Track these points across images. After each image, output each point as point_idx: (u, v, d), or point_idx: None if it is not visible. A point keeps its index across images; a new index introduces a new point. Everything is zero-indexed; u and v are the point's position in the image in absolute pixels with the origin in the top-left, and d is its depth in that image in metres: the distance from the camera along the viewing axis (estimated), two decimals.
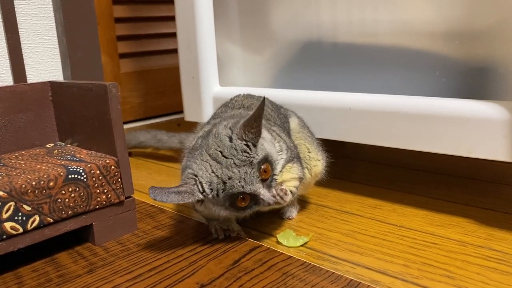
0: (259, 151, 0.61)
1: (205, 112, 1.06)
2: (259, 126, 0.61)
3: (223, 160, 0.61)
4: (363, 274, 0.59)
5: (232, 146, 0.61)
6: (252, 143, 0.61)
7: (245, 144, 0.61)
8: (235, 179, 0.60)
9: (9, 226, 0.60)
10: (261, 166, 0.61)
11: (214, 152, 0.62)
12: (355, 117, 0.82)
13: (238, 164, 0.60)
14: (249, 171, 0.60)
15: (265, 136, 0.65)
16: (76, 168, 0.67)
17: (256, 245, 0.68)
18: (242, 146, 0.61)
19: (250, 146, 0.61)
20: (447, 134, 0.71)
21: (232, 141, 0.61)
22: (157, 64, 1.76)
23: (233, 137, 0.62)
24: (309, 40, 0.94)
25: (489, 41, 0.72)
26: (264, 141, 0.64)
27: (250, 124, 0.61)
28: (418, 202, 0.83)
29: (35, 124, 0.83)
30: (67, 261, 0.67)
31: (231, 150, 0.61)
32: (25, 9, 0.91)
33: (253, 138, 0.61)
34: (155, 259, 0.66)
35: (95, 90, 0.72)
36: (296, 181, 0.68)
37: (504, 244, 0.66)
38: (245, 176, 0.60)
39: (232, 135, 0.62)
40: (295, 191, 0.68)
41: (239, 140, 0.61)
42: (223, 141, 0.62)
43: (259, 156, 0.61)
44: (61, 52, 0.97)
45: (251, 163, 0.60)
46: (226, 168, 0.60)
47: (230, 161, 0.60)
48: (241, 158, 0.60)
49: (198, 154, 0.64)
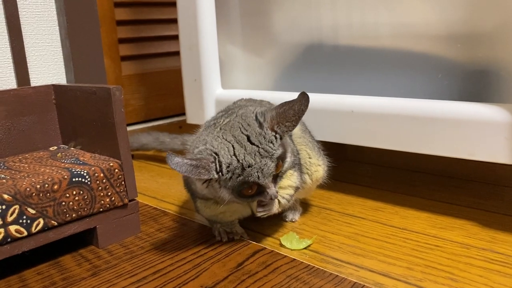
0: (281, 146, 0.61)
1: (207, 115, 1.06)
2: (298, 120, 0.60)
3: (248, 145, 0.59)
4: (367, 276, 0.60)
5: (261, 133, 0.60)
6: (280, 136, 0.60)
7: (274, 135, 0.60)
8: (254, 168, 0.59)
9: (14, 229, 0.61)
10: (278, 162, 0.61)
11: (239, 134, 0.60)
12: (357, 120, 0.82)
13: (262, 154, 0.59)
14: (269, 163, 0.59)
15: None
16: (80, 171, 0.67)
17: (259, 248, 0.69)
18: (271, 137, 0.60)
19: (278, 139, 0.60)
20: (449, 137, 0.71)
21: (262, 128, 0.60)
22: (159, 67, 1.76)
23: (264, 125, 0.60)
24: (311, 42, 0.95)
25: (491, 44, 0.72)
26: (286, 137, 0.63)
27: (288, 117, 0.60)
28: (420, 205, 0.83)
29: (39, 127, 0.84)
30: (71, 264, 0.67)
31: (260, 137, 0.60)
32: (28, 12, 0.92)
33: (284, 132, 0.60)
34: (159, 262, 0.66)
35: (98, 93, 0.73)
36: (291, 190, 0.68)
37: (507, 247, 0.66)
38: (264, 168, 0.59)
39: (264, 122, 0.61)
40: (288, 199, 0.68)
41: (269, 129, 0.60)
42: (251, 125, 0.61)
43: (280, 152, 0.60)
44: (64, 55, 0.98)
45: (273, 155, 0.60)
46: (249, 154, 0.59)
47: (255, 149, 0.59)
48: (266, 148, 0.59)
49: (220, 131, 0.62)
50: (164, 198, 0.94)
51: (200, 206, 0.71)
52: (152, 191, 0.99)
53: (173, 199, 0.93)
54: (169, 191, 0.98)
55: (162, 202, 0.92)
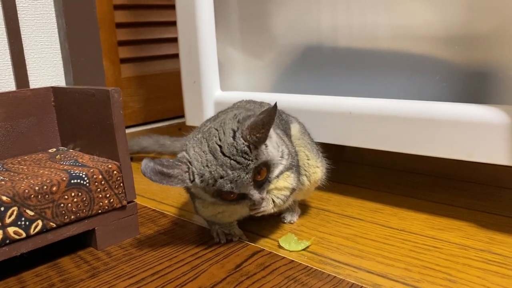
0: (260, 155, 0.60)
1: (206, 117, 1.06)
2: (267, 132, 0.59)
3: (220, 156, 0.59)
4: (365, 278, 0.60)
5: (233, 144, 0.59)
6: (254, 146, 0.60)
7: (247, 145, 0.59)
8: (226, 180, 0.59)
9: (12, 231, 0.61)
10: (257, 170, 0.60)
11: (213, 145, 0.60)
12: (355, 121, 0.82)
13: (233, 166, 0.59)
14: (243, 175, 0.59)
15: (273, 137, 0.64)
16: (79, 173, 0.67)
17: (258, 249, 0.69)
18: (243, 147, 0.59)
19: (252, 149, 0.59)
20: (447, 138, 0.71)
21: (235, 139, 0.59)
22: (158, 69, 1.76)
23: (237, 135, 0.60)
24: (310, 44, 0.95)
25: (488, 46, 0.72)
26: (269, 143, 0.62)
27: (257, 127, 0.58)
28: (418, 206, 0.83)
29: (38, 129, 0.84)
30: (69, 265, 0.67)
31: (231, 148, 0.59)
32: (27, 15, 0.92)
33: (256, 142, 0.59)
34: (157, 264, 0.66)
35: (97, 95, 0.73)
36: (287, 191, 0.68)
37: (505, 248, 0.66)
38: (237, 179, 0.59)
39: (237, 131, 0.60)
40: (284, 199, 0.68)
41: (242, 139, 0.59)
42: (226, 134, 0.60)
43: (258, 161, 0.60)
44: (63, 58, 0.98)
45: (247, 167, 0.59)
46: (220, 166, 0.59)
47: (227, 160, 0.59)
48: (239, 160, 0.59)
49: (199, 140, 0.62)
50: (162, 200, 0.94)
51: (199, 206, 0.71)
52: (151, 193, 0.99)
53: (172, 201, 0.93)
54: (167, 193, 0.98)
55: (160, 204, 0.92)
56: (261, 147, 0.60)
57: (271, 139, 0.63)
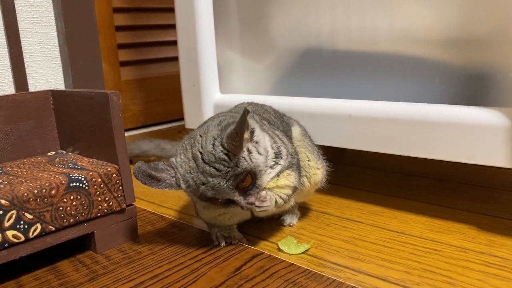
0: (241, 162, 0.59)
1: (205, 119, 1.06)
2: (241, 140, 0.58)
3: (201, 164, 0.60)
4: (365, 281, 0.60)
5: (211, 151, 0.59)
6: (233, 154, 0.59)
7: (225, 153, 0.59)
8: (208, 186, 0.60)
9: (11, 234, 0.60)
10: (240, 178, 0.60)
11: (195, 152, 0.61)
12: (355, 124, 0.82)
13: (212, 174, 0.59)
14: (222, 182, 0.59)
15: (260, 142, 0.63)
16: (78, 176, 0.67)
17: (257, 253, 0.69)
18: (221, 155, 0.59)
19: (231, 156, 0.59)
20: (446, 141, 0.71)
21: (214, 147, 0.59)
22: (158, 72, 1.76)
23: (216, 143, 0.60)
24: (309, 47, 0.95)
25: (487, 48, 0.72)
26: (254, 149, 0.61)
27: (231, 136, 0.58)
28: (418, 209, 0.83)
29: (37, 133, 0.84)
30: (68, 269, 0.67)
31: (210, 156, 0.59)
32: (27, 18, 0.92)
33: (234, 150, 0.59)
34: (156, 267, 0.66)
35: (96, 98, 0.73)
36: (289, 190, 0.68)
37: (505, 250, 0.66)
38: (218, 187, 0.59)
39: (217, 139, 0.60)
40: (286, 199, 0.67)
41: (221, 146, 0.59)
42: (207, 142, 0.60)
43: (239, 168, 0.59)
44: (62, 61, 0.98)
45: (226, 174, 0.59)
46: (201, 173, 0.60)
47: (207, 168, 0.59)
48: (217, 167, 0.59)
49: (185, 146, 0.64)
50: (162, 203, 0.94)
51: (200, 208, 0.71)
52: (150, 196, 0.99)
53: (171, 204, 0.93)
54: (167, 196, 0.98)
55: (160, 207, 0.92)
56: (242, 154, 0.60)
57: (258, 144, 0.62)
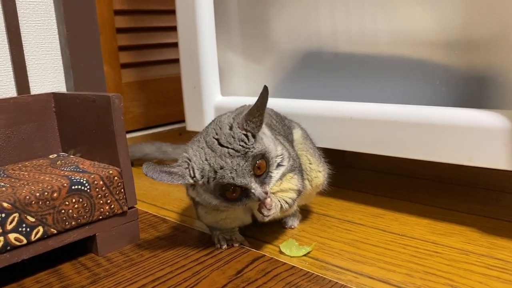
0: (257, 144, 0.61)
1: (206, 122, 1.06)
2: (262, 115, 0.61)
3: (218, 148, 0.61)
4: (366, 283, 0.60)
5: (230, 134, 0.61)
6: (251, 134, 0.61)
7: (244, 133, 0.61)
8: (226, 170, 0.60)
9: (13, 237, 0.61)
10: (256, 161, 0.61)
11: (210, 139, 0.62)
12: (356, 126, 0.82)
13: (232, 154, 0.60)
14: (242, 163, 0.60)
15: (266, 132, 0.65)
16: (80, 179, 0.67)
17: (259, 255, 0.69)
18: (240, 135, 0.61)
19: (249, 137, 0.61)
20: (447, 143, 0.71)
21: (232, 129, 0.61)
22: (159, 74, 1.77)
23: (233, 125, 0.62)
24: (310, 50, 0.95)
25: (488, 50, 0.72)
26: (264, 136, 0.63)
27: (252, 113, 0.60)
28: (420, 211, 0.83)
29: (39, 135, 0.84)
30: (70, 272, 0.67)
31: (229, 138, 0.61)
32: (28, 21, 0.92)
33: (254, 128, 0.61)
34: (158, 270, 0.66)
35: (98, 101, 0.73)
36: (293, 193, 0.68)
37: (506, 253, 0.66)
38: (237, 168, 0.60)
39: (234, 123, 0.62)
40: (291, 203, 0.68)
41: (239, 129, 0.61)
42: (222, 128, 0.62)
43: (255, 150, 0.60)
44: (64, 64, 0.98)
45: (245, 154, 0.60)
46: (219, 157, 0.60)
47: (225, 150, 0.60)
48: (237, 147, 0.60)
49: (197, 140, 0.65)
50: (163, 205, 0.94)
51: (201, 212, 0.71)
52: (152, 198, 0.99)
53: (173, 207, 0.93)
54: (168, 199, 0.98)
55: (161, 209, 0.92)
56: (258, 136, 0.62)
57: (266, 135, 0.64)
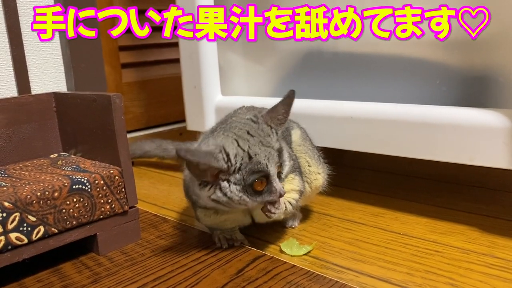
0: (278, 142, 0.63)
1: (207, 121, 1.07)
2: (287, 114, 0.64)
3: (250, 137, 0.61)
4: (367, 282, 0.60)
5: (258, 127, 0.63)
6: (275, 130, 0.63)
7: (269, 129, 0.63)
8: (261, 155, 0.60)
9: (14, 236, 0.61)
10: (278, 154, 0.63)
11: (239, 131, 0.62)
12: (356, 126, 0.82)
13: (264, 143, 0.61)
14: (273, 152, 0.61)
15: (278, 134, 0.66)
16: (81, 179, 0.68)
17: (259, 254, 0.69)
18: (267, 130, 0.63)
19: (274, 132, 0.63)
20: (448, 142, 0.71)
21: (258, 124, 0.63)
22: (159, 74, 1.77)
23: (259, 121, 0.63)
24: (310, 49, 0.95)
25: (489, 50, 0.72)
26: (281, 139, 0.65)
27: (277, 110, 0.63)
28: (420, 210, 0.83)
29: (39, 135, 0.84)
30: (71, 271, 0.67)
31: (258, 130, 0.62)
32: (29, 21, 0.92)
33: (277, 125, 0.64)
34: (159, 269, 0.66)
35: (99, 101, 0.73)
36: (296, 194, 0.69)
37: (507, 252, 0.66)
38: (269, 156, 0.61)
39: (258, 119, 0.64)
40: (294, 204, 0.68)
41: (264, 124, 0.63)
42: (247, 123, 0.63)
43: (278, 145, 0.63)
44: (64, 63, 0.99)
45: (273, 147, 0.62)
46: (253, 145, 0.61)
47: (257, 140, 0.61)
48: (266, 139, 0.62)
49: (218, 134, 0.63)
50: (164, 205, 0.94)
51: (201, 215, 0.71)
52: (153, 198, 0.99)
53: (174, 206, 0.93)
54: (169, 198, 0.98)
55: (162, 209, 0.92)
56: (278, 134, 0.64)
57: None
